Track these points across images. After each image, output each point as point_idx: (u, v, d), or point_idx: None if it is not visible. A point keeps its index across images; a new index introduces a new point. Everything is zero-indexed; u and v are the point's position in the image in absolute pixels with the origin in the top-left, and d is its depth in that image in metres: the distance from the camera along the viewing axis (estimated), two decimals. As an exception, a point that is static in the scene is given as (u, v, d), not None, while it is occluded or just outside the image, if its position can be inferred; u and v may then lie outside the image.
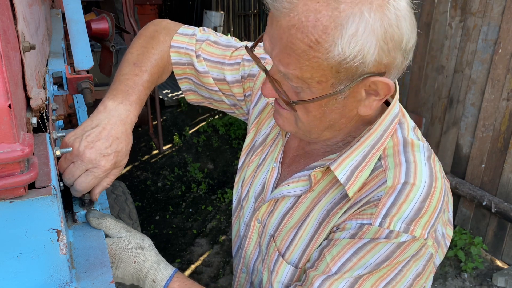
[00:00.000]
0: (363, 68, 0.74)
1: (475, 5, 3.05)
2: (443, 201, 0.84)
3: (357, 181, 0.87)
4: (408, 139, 0.88)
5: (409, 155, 0.86)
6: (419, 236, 0.80)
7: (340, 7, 0.71)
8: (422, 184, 0.82)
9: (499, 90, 2.99)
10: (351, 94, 0.80)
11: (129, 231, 0.98)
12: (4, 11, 0.67)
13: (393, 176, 0.84)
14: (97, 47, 3.42)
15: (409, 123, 0.92)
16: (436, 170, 0.86)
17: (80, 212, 0.97)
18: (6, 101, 0.59)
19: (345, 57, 0.72)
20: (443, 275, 3.14)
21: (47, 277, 0.73)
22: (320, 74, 0.75)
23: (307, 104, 0.82)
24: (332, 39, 0.71)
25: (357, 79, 0.76)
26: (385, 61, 0.75)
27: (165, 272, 0.95)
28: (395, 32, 0.73)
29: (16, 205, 0.65)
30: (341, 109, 0.83)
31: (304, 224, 0.95)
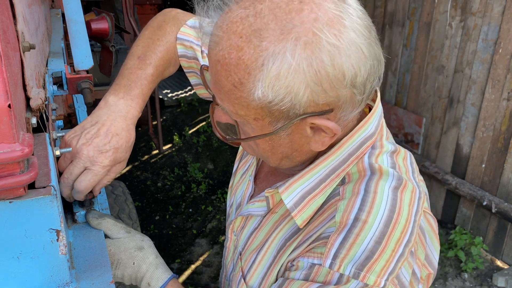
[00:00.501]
0: (296, 110, 0.66)
1: (475, 5, 3.05)
2: (407, 241, 0.71)
3: (307, 208, 0.78)
4: (376, 165, 0.77)
5: (371, 184, 0.74)
6: (373, 285, 0.69)
7: (262, 45, 0.63)
8: (376, 221, 0.70)
9: (499, 90, 2.99)
10: (294, 131, 0.72)
11: (129, 232, 0.98)
12: (4, 11, 0.67)
13: (344, 209, 0.73)
14: (97, 47, 3.41)
15: (384, 148, 0.81)
16: (403, 204, 0.73)
17: (79, 212, 0.97)
18: (5, 101, 0.59)
19: (271, 99, 0.65)
20: (443, 275, 3.14)
21: (47, 277, 0.73)
22: (253, 112, 0.69)
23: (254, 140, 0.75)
24: (253, 80, 0.64)
25: (293, 120, 0.68)
26: (323, 101, 0.66)
27: (160, 277, 0.94)
28: (330, 72, 0.63)
29: (16, 205, 0.65)
30: (289, 144, 0.75)
31: (264, 248, 0.88)
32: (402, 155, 0.82)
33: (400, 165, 0.79)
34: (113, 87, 1.01)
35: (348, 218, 0.72)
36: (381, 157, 0.79)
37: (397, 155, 0.81)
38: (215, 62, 0.68)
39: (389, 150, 0.81)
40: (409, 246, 0.72)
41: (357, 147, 0.78)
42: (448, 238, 3.41)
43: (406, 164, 0.81)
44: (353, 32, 0.64)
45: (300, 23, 0.62)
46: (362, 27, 0.66)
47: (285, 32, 0.62)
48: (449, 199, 3.56)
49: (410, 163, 0.82)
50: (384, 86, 4.07)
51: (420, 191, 0.77)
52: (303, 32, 0.62)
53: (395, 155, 0.81)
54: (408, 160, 0.83)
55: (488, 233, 3.28)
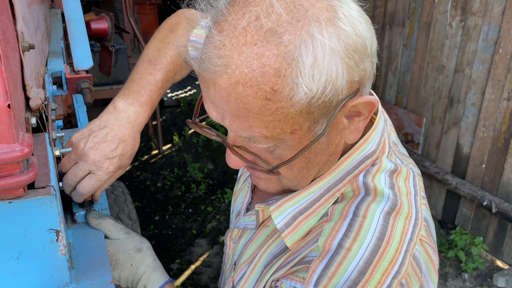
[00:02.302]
0: (337, 97, 0.61)
1: (476, 5, 3.05)
2: (396, 272, 0.64)
3: (299, 229, 0.73)
4: (371, 184, 0.71)
5: (361, 206, 0.68)
6: None
7: (284, 40, 0.57)
8: (361, 249, 0.64)
9: (500, 90, 2.99)
10: (332, 128, 0.67)
11: (128, 233, 0.98)
12: (4, 11, 0.66)
13: (328, 233, 0.68)
14: (96, 47, 3.41)
15: (383, 166, 0.74)
16: (394, 231, 0.66)
17: (79, 213, 0.97)
18: (5, 101, 0.58)
19: (313, 94, 0.59)
20: (444, 276, 3.14)
21: (46, 277, 0.73)
22: (291, 123, 0.62)
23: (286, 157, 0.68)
24: (291, 81, 0.58)
25: (334, 111, 0.63)
26: (357, 77, 0.62)
27: (157, 280, 0.93)
28: (357, 42, 0.61)
29: (16, 205, 0.65)
30: (326, 148, 0.70)
31: (253, 262, 0.84)
32: (403, 175, 0.75)
33: (399, 186, 0.73)
34: (122, 92, 1.01)
35: (331, 244, 0.67)
36: (379, 176, 0.73)
37: (398, 175, 0.75)
38: (231, 86, 0.59)
39: (388, 169, 0.74)
40: (398, 277, 0.65)
41: (356, 166, 0.74)
42: (448, 238, 3.41)
43: (407, 186, 0.74)
44: (353, 3, 0.65)
45: (310, 5, 0.59)
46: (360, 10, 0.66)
47: (301, 18, 0.58)
48: (449, 199, 3.56)
49: (412, 185, 0.75)
50: (384, 86, 4.08)
51: (417, 217, 0.70)
52: (318, 12, 0.59)
53: (395, 175, 0.74)
54: (411, 181, 0.76)
55: (488, 233, 3.28)
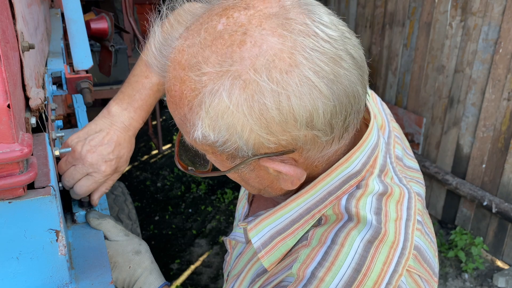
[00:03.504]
0: (244, 152, 0.59)
1: (476, 5, 3.05)
2: None
3: (276, 250, 0.70)
4: (353, 209, 0.66)
5: (341, 233, 0.63)
6: None
7: (202, 80, 0.55)
8: (335, 281, 0.59)
9: (500, 90, 2.99)
10: (257, 168, 0.64)
11: (127, 235, 0.98)
12: (3, 10, 0.66)
13: (303, 260, 0.64)
14: (96, 46, 3.41)
15: (369, 188, 0.68)
16: (375, 261, 0.61)
17: (79, 213, 0.97)
18: (5, 101, 0.58)
19: (213, 140, 0.57)
20: (444, 276, 3.14)
21: (46, 277, 0.73)
22: (207, 148, 0.62)
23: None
24: (195, 118, 0.57)
25: (245, 161, 0.60)
26: (274, 145, 0.57)
27: (152, 283, 0.93)
28: (275, 116, 0.54)
29: (15, 205, 0.65)
30: (258, 179, 0.67)
31: (240, 278, 0.81)
32: (395, 198, 0.69)
33: (388, 211, 0.66)
34: (118, 95, 1.03)
35: (305, 272, 0.62)
36: (364, 200, 0.67)
37: (388, 197, 0.68)
38: (166, 90, 0.62)
39: (376, 191, 0.68)
40: None
41: (338, 186, 0.68)
42: (449, 238, 3.40)
43: (399, 210, 0.68)
44: (308, 70, 0.54)
45: (240, 59, 0.54)
46: (325, 59, 0.55)
47: (224, 68, 0.54)
48: (450, 199, 3.56)
49: (406, 208, 0.68)
50: (384, 86, 4.07)
51: (404, 246, 0.64)
52: (242, 70, 0.53)
53: (384, 198, 0.68)
54: (405, 204, 0.69)
55: (489, 233, 3.28)
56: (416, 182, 0.81)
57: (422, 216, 0.72)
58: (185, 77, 0.57)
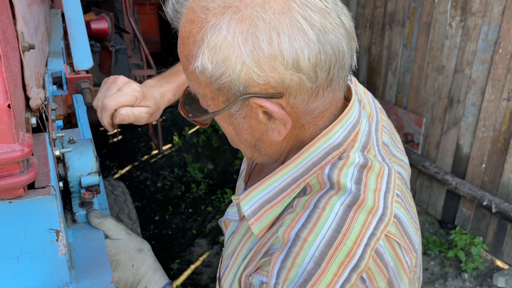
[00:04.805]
0: (236, 87, 0.65)
1: (475, 5, 3.05)
2: (354, 266, 0.63)
3: (264, 218, 0.75)
4: (335, 178, 0.71)
5: (323, 199, 0.68)
6: None
7: (207, 18, 0.64)
8: (317, 240, 0.64)
9: (500, 90, 2.99)
10: (248, 114, 0.70)
11: (129, 234, 0.98)
12: (4, 11, 0.66)
13: (288, 223, 0.69)
14: (96, 47, 3.41)
15: (350, 159, 0.73)
16: (353, 224, 0.65)
17: (79, 213, 0.97)
18: (5, 101, 0.58)
19: (212, 74, 0.65)
20: (443, 276, 3.14)
21: (46, 277, 0.73)
22: (208, 90, 0.69)
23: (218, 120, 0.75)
24: (197, 53, 0.65)
25: (238, 99, 0.67)
26: (263, 81, 0.63)
27: (158, 282, 0.94)
28: (265, 49, 0.61)
29: (16, 205, 0.65)
30: (249, 130, 0.73)
31: (234, 255, 0.84)
32: (375, 171, 0.73)
33: (368, 182, 0.71)
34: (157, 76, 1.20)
35: (289, 235, 0.67)
36: (346, 170, 0.71)
37: (369, 170, 0.73)
38: (178, 38, 0.71)
39: (357, 163, 0.73)
40: (358, 271, 0.63)
41: (321, 157, 0.73)
42: (448, 238, 3.41)
43: (378, 182, 0.72)
44: (299, 15, 0.62)
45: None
46: (316, 11, 0.63)
47: (227, 5, 0.63)
48: (449, 199, 3.56)
49: (386, 182, 0.73)
50: (384, 86, 4.08)
51: (384, 213, 0.68)
52: (242, 7, 0.62)
53: (365, 170, 0.72)
54: (385, 178, 0.73)
55: (488, 233, 3.28)
56: (400, 165, 0.84)
57: (404, 194, 0.75)
58: (195, 18, 0.66)
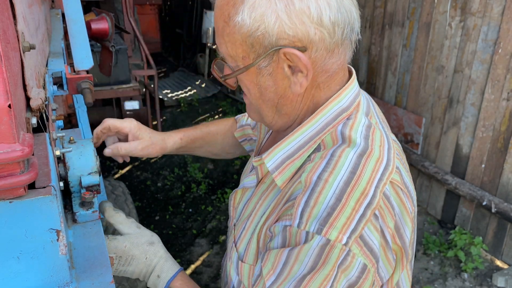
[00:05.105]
0: (269, 39, 0.76)
1: (475, 5, 3.06)
2: (368, 203, 0.74)
3: (286, 171, 0.85)
4: (347, 134, 0.83)
5: (338, 150, 0.80)
6: (335, 240, 0.72)
7: None
8: (337, 180, 0.76)
9: (499, 90, 2.99)
10: (275, 70, 0.81)
11: (139, 227, 1.02)
12: (4, 11, 0.67)
13: (309, 170, 0.79)
14: (96, 47, 3.41)
15: (358, 120, 0.86)
16: (365, 169, 0.77)
17: (80, 212, 0.97)
18: (6, 101, 0.59)
19: (249, 28, 0.76)
20: (443, 275, 3.14)
21: (46, 277, 0.73)
22: (241, 49, 0.80)
23: (244, 81, 0.85)
24: (238, 11, 0.76)
25: (269, 51, 0.78)
26: (293, 33, 0.75)
27: (170, 269, 0.98)
28: (296, 4, 0.74)
29: (16, 205, 0.65)
30: (274, 87, 0.83)
31: (251, 216, 0.93)
32: (378, 134, 0.85)
33: (374, 139, 0.83)
34: None
35: (312, 178, 0.77)
36: (355, 128, 0.83)
37: (374, 130, 0.85)
38: (216, 9, 0.81)
39: (363, 123, 0.85)
40: (371, 208, 0.75)
41: (333, 118, 0.85)
42: (448, 238, 3.41)
43: (382, 140, 0.85)
44: None
45: None
46: None
47: None
48: (449, 199, 3.56)
49: (387, 141, 0.85)
50: (384, 86, 4.08)
51: (388, 163, 0.80)
52: None
53: (371, 130, 0.85)
54: (385, 139, 0.86)
55: (488, 233, 3.28)
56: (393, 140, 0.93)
57: (401, 155, 0.88)
58: None
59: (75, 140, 1.03)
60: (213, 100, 7.00)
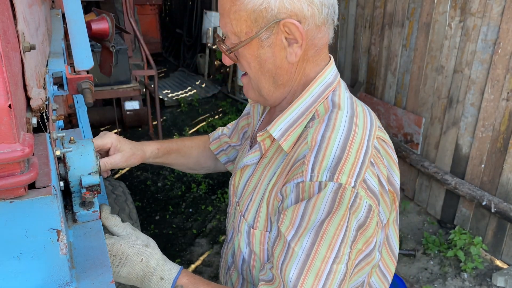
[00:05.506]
0: (271, 12, 0.89)
1: (475, 5, 3.06)
2: (365, 152, 0.90)
3: (290, 137, 0.97)
4: (336, 100, 0.98)
5: (332, 115, 0.95)
6: (346, 183, 0.84)
7: None
8: (338, 136, 0.90)
9: (499, 90, 2.99)
10: (274, 42, 0.92)
11: (134, 230, 1.02)
12: (4, 11, 0.67)
13: (313, 132, 0.92)
14: (97, 47, 3.41)
15: (343, 92, 1.02)
16: (358, 126, 0.93)
17: (80, 212, 0.97)
18: (6, 101, 0.59)
19: (255, 3, 0.88)
20: (443, 275, 3.14)
21: (47, 277, 0.73)
22: (245, 25, 0.91)
23: (245, 55, 0.96)
24: None
25: (270, 23, 0.90)
26: (290, 7, 0.88)
27: (172, 269, 0.97)
28: None
29: (16, 205, 0.65)
30: (272, 58, 0.95)
31: (257, 187, 1.03)
32: (358, 103, 1.02)
33: (358, 106, 1.00)
34: None
35: (316, 138, 0.91)
36: (342, 98, 1.00)
37: (355, 100, 1.02)
38: None
39: (347, 95, 1.02)
40: (368, 156, 0.90)
41: (322, 91, 1.00)
42: (448, 238, 3.41)
43: (363, 106, 1.02)
44: None
45: None
46: None
47: None
48: (449, 199, 3.56)
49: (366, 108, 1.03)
50: (383, 86, 4.08)
51: (372, 122, 0.98)
52: None
53: (353, 99, 1.02)
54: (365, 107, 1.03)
55: (488, 233, 3.28)
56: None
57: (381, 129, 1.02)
58: None
59: (75, 140, 1.03)
60: (213, 100, 7.00)
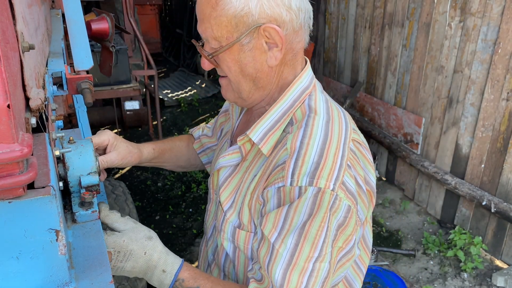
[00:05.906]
0: (252, 18, 0.91)
1: (475, 5, 3.06)
2: (342, 155, 0.93)
3: (269, 141, 1.00)
4: (313, 105, 1.01)
5: (310, 120, 0.97)
6: (324, 187, 0.88)
7: None
8: (316, 142, 0.93)
9: (499, 90, 2.99)
10: (255, 46, 0.95)
11: (135, 223, 1.02)
12: (3, 11, 0.67)
13: (291, 138, 0.95)
14: (97, 47, 3.42)
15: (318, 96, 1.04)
16: (334, 131, 0.97)
17: (79, 212, 0.97)
18: (5, 101, 0.59)
19: (235, 9, 0.90)
20: (443, 275, 3.14)
21: (46, 277, 0.73)
22: (226, 30, 0.93)
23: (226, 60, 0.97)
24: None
25: (251, 28, 0.92)
26: (270, 12, 0.91)
27: (174, 262, 0.98)
28: None
29: (15, 205, 0.65)
30: (253, 62, 0.97)
31: (239, 188, 1.05)
32: (334, 106, 1.05)
33: (333, 109, 1.03)
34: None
35: (295, 144, 0.94)
36: (318, 102, 1.02)
37: (330, 104, 1.05)
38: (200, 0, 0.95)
39: (323, 98, 1.05)
40: (345, 159, 0.94)
41: (299, 95, 1.03)
42: (448, 238, 3.41)
43: (338, 109, 1.05)
44: None
45: None
46: None
47: None
48: (449, 199, 3.56)
49: (341, 110, 1.06)
50: (383, 86, 4.08)
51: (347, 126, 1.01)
52: None
53: (329, 103, 1.05)
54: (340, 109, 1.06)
55: (488, 233, 3.28)
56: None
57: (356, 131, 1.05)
58: None
59: (74, 140, 1.03)
60: (213, 100, 7.00)
